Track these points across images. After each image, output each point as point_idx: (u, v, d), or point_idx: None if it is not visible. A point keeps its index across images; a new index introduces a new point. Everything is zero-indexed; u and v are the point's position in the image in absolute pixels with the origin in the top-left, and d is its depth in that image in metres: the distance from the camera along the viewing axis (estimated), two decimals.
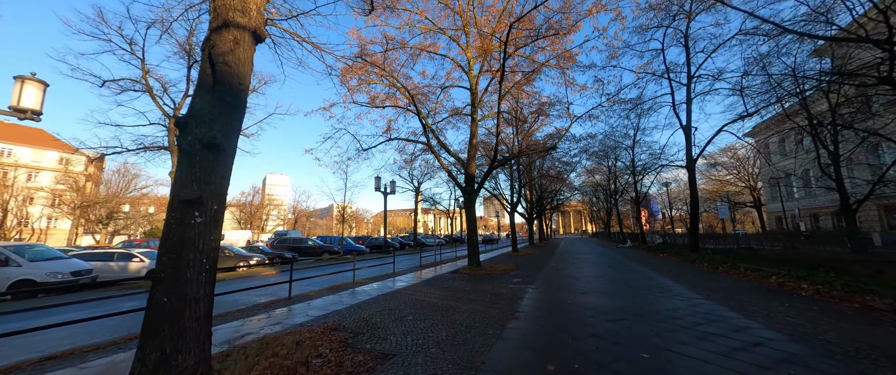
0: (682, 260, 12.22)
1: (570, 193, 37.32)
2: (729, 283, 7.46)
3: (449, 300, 6.56)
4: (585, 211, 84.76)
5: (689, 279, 8.30)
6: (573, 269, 11.27)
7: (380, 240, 31.23)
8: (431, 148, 11.98)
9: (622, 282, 8.14)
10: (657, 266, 11.17)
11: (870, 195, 14.82)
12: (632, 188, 26.14)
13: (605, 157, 27.43)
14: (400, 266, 15.36)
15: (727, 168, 49.28)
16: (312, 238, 21.52)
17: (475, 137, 12.82)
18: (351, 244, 24.16)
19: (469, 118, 13.13)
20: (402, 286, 8.50)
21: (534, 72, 11.29)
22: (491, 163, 11.96)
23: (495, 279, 9.28)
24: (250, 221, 57.20)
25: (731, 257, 10.82)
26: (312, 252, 19.92)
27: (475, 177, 12.90)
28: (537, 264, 13.41)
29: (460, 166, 13.12)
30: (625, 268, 11.07)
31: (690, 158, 13.81)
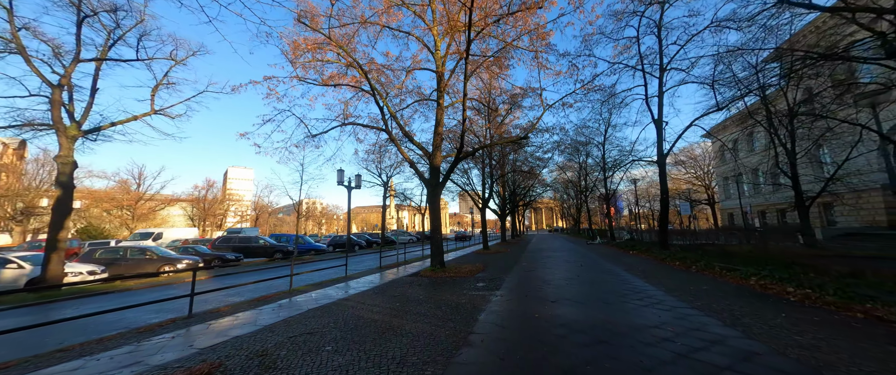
0: (653, 258, 11.80)
1: (543, 189, 37.37)
2: (708, 285, 6.81)
3: (393, 316, 5.30)
4: (557, 208, 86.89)
5: (666, 280, 7.62)
6: (544, 269, 10.42)
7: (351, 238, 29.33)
8: (390, 135, 10.59)
9: (596, 285, 7.29)
10: (630, 265, 10.59)
11: (822, 192, 15.38)
12: (601, 185, 26.22)
13: (575, 152, 27.34)
14: (359, 267, 13.90)
15: (685, 167, 51.90)
16: (264, 237, 19.36)
17: (441, 124, 11.59)
18: (310, 242, 22.18)
19: (436, 104, 11.86)
20: (344, 296, 7.12)
21: (505, 48, 10.20)
22: (457, 153, 10.79)
23: (458, 284, 8.15)
24: (204, 218, 52.43)
25: (701, 254, 10.45)
26: (262, 253, 17.84)
27: (440, 169, 11.70)
28: (507, 263, 12.51)
29: (426, 158, 11.86)
30: (597, 267, 10.38)
31: (661, 153, 13.48)
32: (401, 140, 14.13)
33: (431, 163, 11.54)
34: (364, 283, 8.99)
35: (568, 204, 60.32)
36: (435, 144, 11.64)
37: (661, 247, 13.04)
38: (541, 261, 12.87)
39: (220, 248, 17.16)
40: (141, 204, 42.87)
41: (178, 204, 54.68)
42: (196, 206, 54.12)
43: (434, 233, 11.04)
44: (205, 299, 7.42)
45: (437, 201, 11.23)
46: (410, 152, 15.49)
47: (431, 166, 11.51)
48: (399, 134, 13.20)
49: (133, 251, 12.49)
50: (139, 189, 42.87)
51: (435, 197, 11.19)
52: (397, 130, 12.03)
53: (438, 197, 11.29)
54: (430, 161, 11.59)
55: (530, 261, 13.03)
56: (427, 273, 10.09)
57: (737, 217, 41.90)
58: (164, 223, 55.52)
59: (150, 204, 44.97)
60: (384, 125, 10.50)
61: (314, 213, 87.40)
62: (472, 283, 8.29)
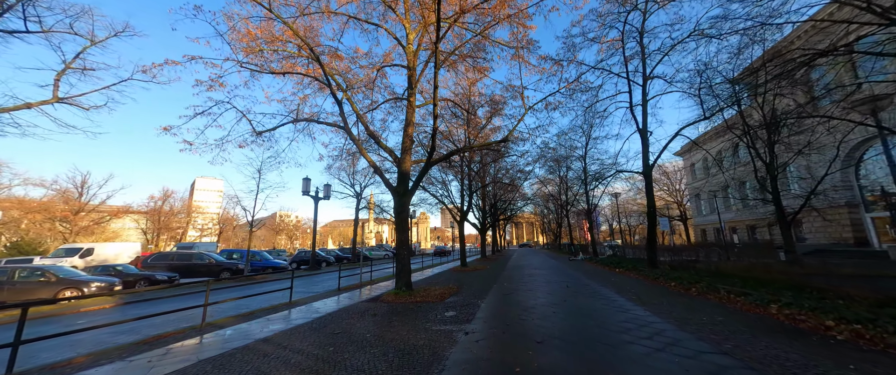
0: (644, 278, 10.72)
1: (524, 203, 36.62)
2: (722, 315, 5.64)
3: (313, 374, 3.67)
4: (537, 222, 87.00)
5: (669, 308, 6.41)
6: (525, 292, 9.03)
7: (319, 253, 26.88)
8: (350, 134, 9.10)
9: (590, 316, 5.94)
10: (620, 287, 9.41)
11: (804, 206, 15.18)
12: (582, 199, 25.62)
13: (556, 165, 26.79)
14: (316, 289, 11.93)
15: (658, 184, 53.23)
16: (211, 253, 16.91)
17: (411, 124, 10.25)
18: (267, 259, 19.78)
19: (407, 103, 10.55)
20: (264, 336, 5.37)
21: (484, 31, 9.10)
22: (429, 156, 9.42)
23: (422, 313, 6.57)
24: (158, 231, 47.66)
25: (695, 274, 9.44)
26: (206, 271, 15.40)
27: (410, 175, 10.27)
28: (485, 283, 11.03)
29: (395, 163, 10.42)
30: (585, 290, 9.11)
31: (647, 163, 12.74)
32: (366, 142, 12.66)
33: (400, 168, 10.10)
34: (305, 313, 7.21)
35: (548, 219, 60.18)
36: (404, 146, 10.24)
37: (650, 265, 12.07)
38: (522, 281, 11.49)
39: (153, 266, 14.62)
40: (82, 216, 38.21)
41: (129, 216, 49.68)
42: (151, 218, 49.31)
43: (400, 248, 9.46)
44: (77, 339, 5.45)
45: (405, 212, 9.72)
46: (376, 156, 13.97)
47: (400, 172, 10.07)
48: (363, 135, 11.75)
49: (23, 272, 10.01)
50: (81, 199, 38.31)
51: (403, 207, 9.68)
52: (362, 130, 10.58)
53: (407, 206, 9.79)
54: (399, 166, 10.16)
55: (510, 280, 11.63)
56: (389, 298, 8.43)
57: (709, 234, 42.86)
58: (116, 237, 50.10)
59: (93, 216, 40.20)
60: (343, 123, 9.00)
61: (286, 226, 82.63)
62: (440, 311, 6.74)
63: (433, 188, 22.17)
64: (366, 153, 9.40)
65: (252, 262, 19.03)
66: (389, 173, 14.70)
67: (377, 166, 9.74)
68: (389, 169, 16.45)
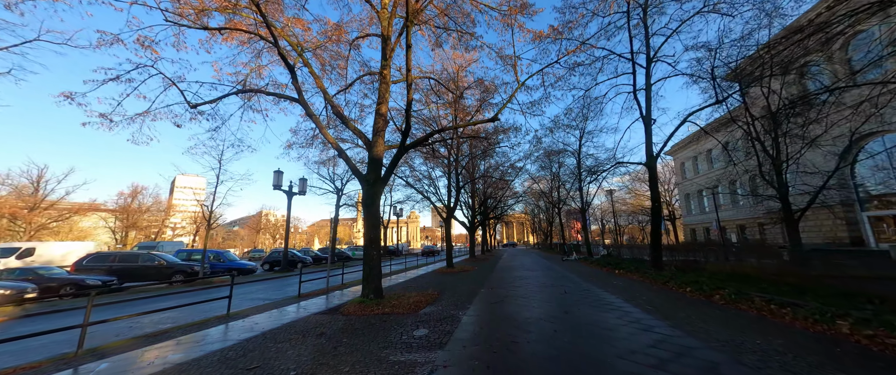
0: (651, 282, 9.42)
1: (514, 201, 35.39)
2: (779, 335, 4.30)
3: None
4: (528, 222, 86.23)
5: (703, 324, 5.04)
6: (517, 300, 7.57)
7: (295, 253, 24.95)
8: (305, 106, 7.45)
9: (605, 340, 4.50)
10: (629, 293, 8.05)
11: (812, 203, 14.24)
12: (574, 197, 24.44)
13: (548, 159, 25.55)
14: (275, 295, 10.20)
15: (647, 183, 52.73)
16: (162, 254, 14.93)
17: (385, 103, 8.68)
18: (232, 260, 17.84)
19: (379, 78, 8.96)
20: (151, 372, 3.73)
21: None
22: (403, 138, 7.87)
23: (383, 333, 5.02)
24: (127, 230, 44.57)
25: (712, 278, 8.17)
26: (155, 274, 13.46)
27: (383, 162, 8.70)
28: (470, 288, 9.54)
29: (366, 147, 8.82)
30: (589, 298, 7.71)
31: (650, 153, 11.50)
32: (333, 126, 11.02)
33: (371, 153, 8.52)
34: (235, 331, 5.57)
35: (539, 218, 59.25)
36: (376, 127, 8.67)
37: (654, 266, 10.80)
38: (513, 285, 10.05)
39: (88, 269, 12.61)
40: (36, 213, 35.10)
41: (96, 214, 46.38)
42: (119, 216, 46.13)
43: (369, 248, 7.87)
44: None
45: (375, 204, 8.14)
46: (354, 150, 12.34)
47: (371, 157, 8.49)
48: (326, 112, 10.11)
49: None
50: (37, 194, 35.20)
51: (372, 197, 8.10)
52: (326, 107, 8.94)
53: (377, 198, 8.22)
54: (370, 150, 8.58)
55: (500, 284, 10.17)
56: (351, 309, 6.84)
57: (699, 233, 42.56)
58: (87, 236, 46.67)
59: (50, 213, 37.07)
60: (298, 95, 7.35)
61: (268, 225, 79.47)
62: (408, 328, 5.20)
63: (420, 185, 20.61)
64: (325, 130, 7.76)
65: (214, 264, 17.08)
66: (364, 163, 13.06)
67: (340, 148, 8.12)
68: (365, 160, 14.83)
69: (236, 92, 7.46)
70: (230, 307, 7.04)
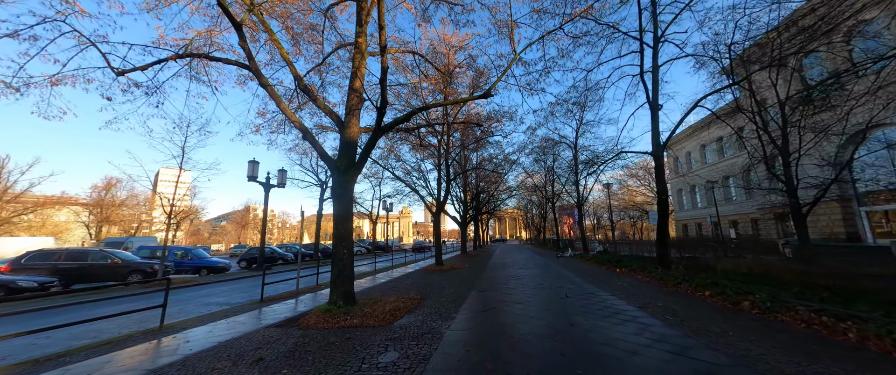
0: (660, 283, 8.44)
1: (507, 196, 34.41)
2: (850, 357, 3.29)
3: None
4: (520, 217, 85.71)
5: (743, 343, 4.04)
6: (512, 307, 6.48)
7: (275, 250, 23.53)
8: (256, 73, 6.13)
9: (628, 372, 3.40)
10: (639, 297, 7.05)
11: (822, 197, 13.51)
12: (570, 191, 23.53)
13: (542, 152, 24.56)
14: (238, 298, 8.89)
15: (639, 180, 52.50)
16: (117, 251, 13.47)
17: (360, 76, 7.42)
18: (203, 257, 16.39)
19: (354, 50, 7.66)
20: None
21: None
22: (378, 118, 6.64)
23: (339, 356, 3.85)
24: (100, 224, 42.23)
25: (733, 279, 7.20)
26: (109, 275, 12.02)
27: (358, 145, 7.47)
28: (459, 290, 8.42)
29: (338, 128, 7.55)
30: (595, 304, 6.66)
31: (658, 142, 10.49)
32: (299, 107, 9.69)
33: (343, 135, 7.29)
34: (155, 354, 4.32)
35: (531, 213, 58.59)
36: (350, 105, 7.42)
37: (661, 265, 9.84)
38: (506, 287, 8.97)
39: (28, 268, 11.09)
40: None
41: (68, 208, 43.93)
42: (92, 210, 43.70)
43: (338, 246, 6.65)
44: None
45: (346, 194, 6.92)
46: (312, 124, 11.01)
47: (343, 140, 7.26)
48: (298, 100, 8.80)
49: None
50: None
51: (344, 187, 6.88)
52: (298, 91, 7.62)
53: (349, 187, 6.99)
54: (342, 132, 7.34)
55: (492, 286, 9.08)
56: (312, 319, 5.65)
57: (691, 229, 42.41)
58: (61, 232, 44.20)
59: (15, 206, 34.73)
60: (247, 60, 6.02)
61: (257, 220, 77.17)
62: (374, 351, 4.04)
63: (409, 178, 19.37)
64: (282, 102, 6.44)
65: (181, 261, 15.63)
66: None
67: (304, 127, 6.83)
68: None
69: (173, 56, 6.09)
70: (163, 319, 5.76)
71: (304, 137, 6.89)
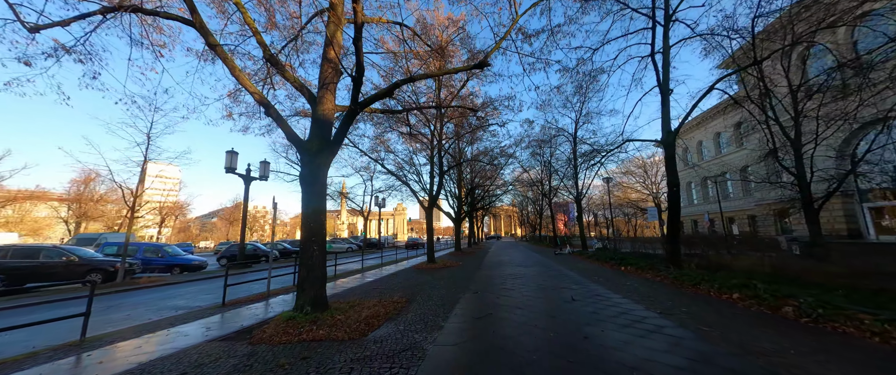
0: (676, 284, 7.58)
1: (502, 192, 33.52)
2: None
3: None
4: (515, 214, 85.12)
5: (821, 369, 3.08)
6: (510, 314, 5.53)
7: (260, 247, 22.36)
8: (206, 36, 5.04)
9: None
10: (656, 301, 6.17)
11: (837, 190, 12.81)
12: (570, 186, 22.70)
13: (539, 146, 23.68)
14: (200, 301, 7.79)
15: (635, 176, 52.08)
16: (74, 248, 12.24)
17: (335, 44, 6.37)
18: (176, 255, 15.18)
19: None
20: None
21: None
22: (354, 92, 5.59)
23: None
24: (78, 220, 40.37)
25: (762, 281, 6.33)
26: (64, 274, 10.84)
27: (333, 124, 6.42)
28: (448, 294, 7.46)
29: (310, 104, 6.48)
30: (604, 308, 5.76)
31: (668, 129, 9.61)
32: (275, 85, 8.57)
33: (315, 112, 6.25)
34: None
35: (527, 210, 57.97)
36: (323, 79, 6.37)
37: (672, 263, 8.98)
38: (504, 288, 8.03)
39: None
40: None
41: (44, 203, 42.05)
42: (71, 205, 41.81)
43: (308, 244, 5.62)
44: None
45: (318, 181, 5.90)
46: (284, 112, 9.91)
47: (315, 118, 6.22)
48: (270, 81, 7.71)
49: None
50: None
51: (315, 173, 5.85)
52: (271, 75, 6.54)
53: (322, 172, 5.97)
54: (314, 108, 6.30)
55: (488, 287, 8.14)
56: (269, 331, 4.64)
57: (687, 225, 42.07)
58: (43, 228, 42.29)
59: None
60: (191, 13, 4.92)
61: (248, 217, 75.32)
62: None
63: (402, 173, 18.31)
64: (237, 69, 5.34)
65: (150, 259, 14.43)
66: None
67: (266, 101, 5.76)
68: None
69: (99, 10, 4.95)
70: (86, 331, 4.68)
71: (266, 112, 5.82)
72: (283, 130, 5.99)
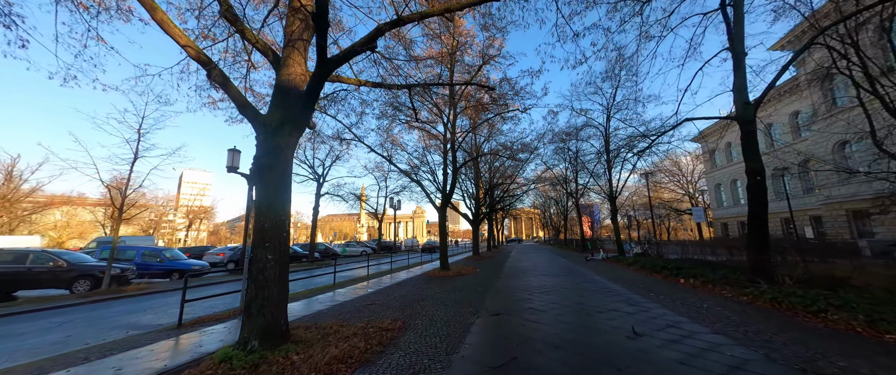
0: (780, 309, 5.41)
1: (523, 192, 31.28)
2: None
3: None
4: (537, 216, 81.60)
5: None
6: (544, 360, 3.68)
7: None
8: None
9: None
10: (788, 346, 4.14)
11: None
12: (601, 184, 20.25)
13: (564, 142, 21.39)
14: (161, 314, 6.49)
15: (668, 175, 47.79)
16: (63, 252, 11.61)
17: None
18: (176, 259, 14.36)
19: None
20: None
21: None
22: (318, 37, 4.00)
23: None
24: (115, 224, 42.20)
25: None
26: (50, 281, 10.14)
27: (300, 93, 4.86)
28: (456, 315, 5.67)
29: (272, 67, 4.99)
30: (704, 356, 3.78)
31: (745, 100, 7.37)
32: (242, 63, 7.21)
33: (279, 78, 4.78)
34: None
35: (549, 212, 54.96)
36: (289, 35, 4.94)
37: (760, 276, 6.70)
38: (530, 308, 6.14)
39: None
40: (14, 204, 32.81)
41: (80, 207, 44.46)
42: (106, 210, 43.90)
43: (260, 250, 4.08)
44: None
45: (280, 166, 4.37)
46: None
47: (278, 84, 4.75)
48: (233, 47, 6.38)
49: None
50: (7, 186, 32.71)
51: (273, 156, 4.32)
52: None
53: (286, 152, 4.43)
54: (278, 74, 4.82)
55: (509, 306, 6.28)
56: (205, 369, 3.09)
57: (732, 228, 37.77)
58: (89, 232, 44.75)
59: (25, 205, 34.90)
60: None
61: None
62: None
63: (416, 174, 16.82)
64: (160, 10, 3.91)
65: (148, 264, 13.66)
66: None
67: (204, 56, 4.30)
68: None
69: None
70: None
71: (208, 75, 4.38)
72: (231, 99, 4.51)
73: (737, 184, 36.68)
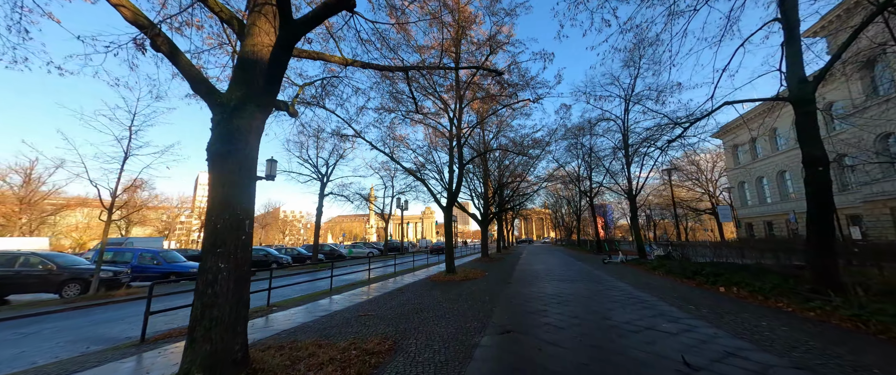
0: (855, 327, 4.31)
1: (534, 191, 30.11)
2: None
3: None
4: (547, 216, 79.72)
5: None
6: None
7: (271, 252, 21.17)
8: None
9: None
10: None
11: None
12: (620, 181, 18.98)
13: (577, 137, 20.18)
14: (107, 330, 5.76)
15: (686, 173, 45.67)
16: (54, 253, 11.23)
17: None
18: (175, 262, 13.92)
19: None
20: None
21: None
22: (282, 10, 3.18)
23: None
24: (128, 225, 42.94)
25: None
26: (37, 284, 9.73)
27: (266, 67, 4.04)
28: (454, 337, 4.73)
29: (238, 38, 4.22)
30: None
31: (801, 77, 6.21)
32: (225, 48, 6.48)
33: (243, 48, 3.98)
34: None
35: (561, 212, 53.41)
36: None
37: (825, 285, 5.55)
38: (546, 324, 5.18)
39: None
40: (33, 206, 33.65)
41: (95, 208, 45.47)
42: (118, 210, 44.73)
43: (211, 257, 3.28)
44: None
45: (240, 156, 3.55)
46: None
47: (240, 59, 3.95)
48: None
49: None
50: (26, 188, 33.52)
51: (233, 137, 3.52)
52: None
53: (249, 137, 3.62)
54: (242, 44, 4.04)
55: (520, 323, 5.33)
56: None
57: (758, 227, 35.60)
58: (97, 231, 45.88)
59: (43, 206, 35.74)
60: None
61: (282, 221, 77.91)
62: None
63: (422, 173, 16.02)
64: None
65: (145, 266, 13.24)
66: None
67: (143, 17, 3.54)
68: None
69: None
70: None
71: (152, 43, 3.63)
72: (182, 73, 3.73)
73: (763, 181, 34.62)
